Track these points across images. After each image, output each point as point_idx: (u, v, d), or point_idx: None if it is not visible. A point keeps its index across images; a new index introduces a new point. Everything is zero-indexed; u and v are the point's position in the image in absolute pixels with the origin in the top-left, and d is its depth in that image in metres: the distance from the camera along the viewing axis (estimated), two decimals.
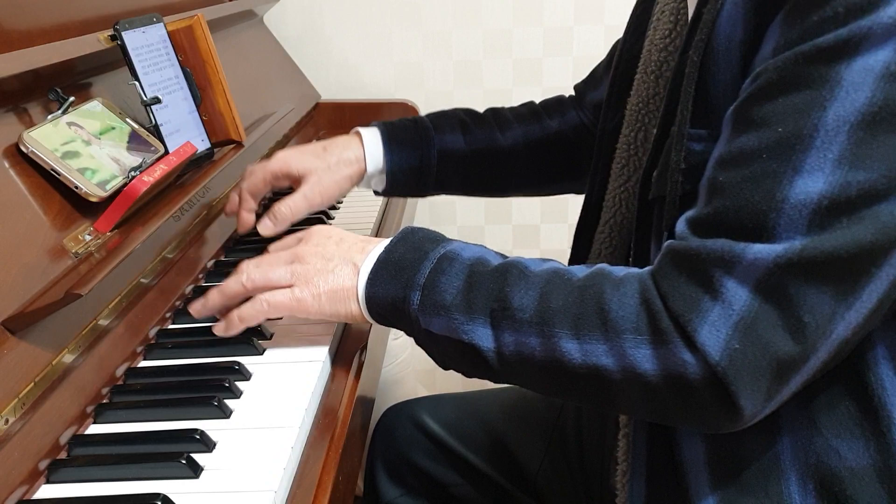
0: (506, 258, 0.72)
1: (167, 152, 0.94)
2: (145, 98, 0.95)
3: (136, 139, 0.92)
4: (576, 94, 1.15)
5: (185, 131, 1.01)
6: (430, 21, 1.77)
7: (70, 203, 0.80)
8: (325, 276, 0.76)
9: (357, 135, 1.04)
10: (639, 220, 0.76)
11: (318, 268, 0.76)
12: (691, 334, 0.60)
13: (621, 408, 0.69)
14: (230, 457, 0.65)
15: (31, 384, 0.66)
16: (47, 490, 0.63)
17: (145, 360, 0.81)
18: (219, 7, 1.32)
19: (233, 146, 1.13)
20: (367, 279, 0.74)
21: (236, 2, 1.44)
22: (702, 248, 0.61)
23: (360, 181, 1.04)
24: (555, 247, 1.92)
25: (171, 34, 1.03)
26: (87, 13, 0.99)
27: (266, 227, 0.97)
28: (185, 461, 0.63)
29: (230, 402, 0.72)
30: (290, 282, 0.77)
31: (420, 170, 1.05)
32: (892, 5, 0.55)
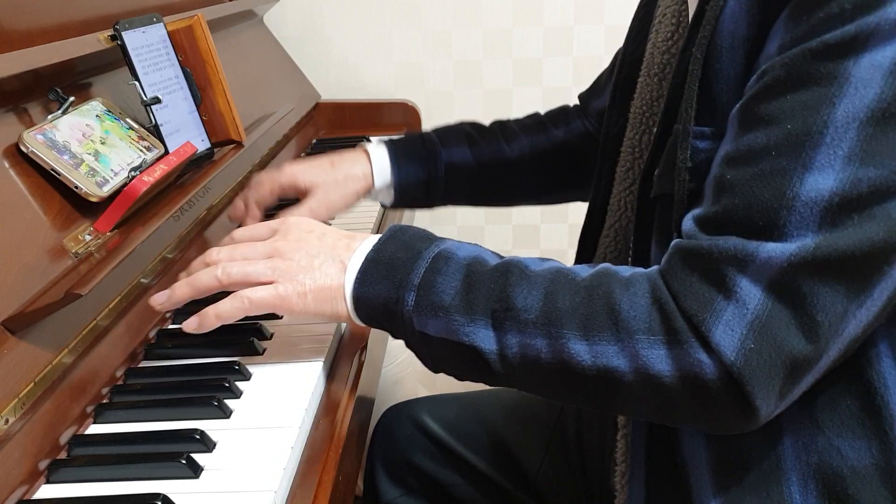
0: (503, 257, 0.71)
1: (167, 152, 0.94)
2: (145, 98, 0.95)
3: (136, 139, 0.92)
4: (580, 103, 1.15)
5: (185, 131, 1.01)
6: (430, 21, 1.77)
7: (70, 203, 0.80)
8: (311, 274, 0.73)
9: (364, 151, 1.05)
10: (639, 220, 0.76)
11: (303, 264, 0.73)
12: (706, 334, 0.59)
13: (629, 410, 0.68)
14: (230, 457, 0.65)
15: (31, 384, 0.66)
16: (47, 490, 0.63)
17: (145, 360, 0.81)
18: (219, 7, 1.32)
19: (233, 146, 1.13)
20: (356, 278, 0.71)
21: (236, 2, 1.44)
22: (713, 247, 0.60)
23: (367, 196, 1.05)
24: (555, 247, 1.92)
25: (171, 34, 1.03)
26: (87, 13, 0.99)
27: None
28: (185, 461, 0.63)
29: (230, 402, 0.72)
30: (272, 278, 0.73)
31: (428, 184, 1.06)
32: None
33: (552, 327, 0.64)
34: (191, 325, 0.75)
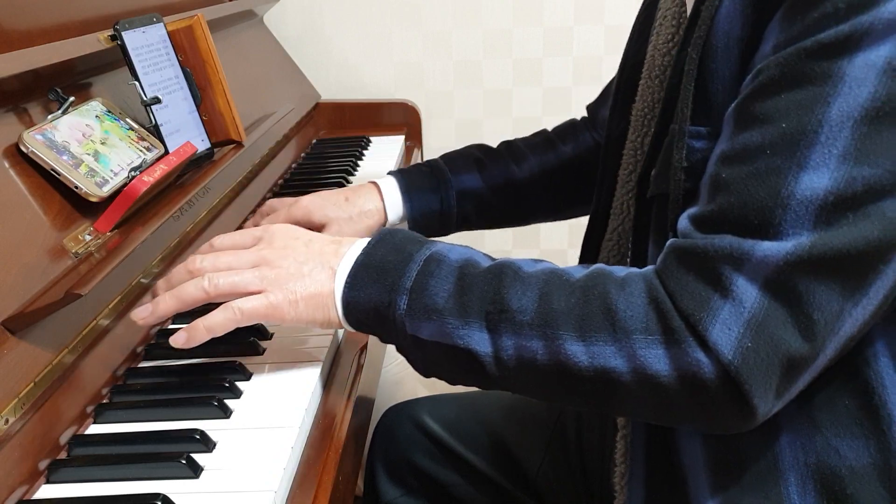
0: (494, 259, 0.71)
1: (167, 152, 0.94)
2: (145, 98, 0.95)
3: (136, 138, 0.92)
4: (588, 114, 1.15)
5: (185, 131, 1.01)
6: (430, 21, 1.77)
7: (70, 203, 0.80)
8: (301, 281, 0.72)
9: (376, 186, 1.05)
10: (636, 221, 0.76)
11: (292, 272, 0.72)
12: (703, 333, 0.59)
13: (627, 410, 0.68)
14: (230, 457, 0.65)
15: (31, 384, 0.66)
16: (47, 490, 0.63)
17: (145, 360, 0.81)
18: (219, 7, 1.32)
19: (233, 146, 1.13)
20: (346, 283, 0.71)
21: (236, 2, 1.44)
22: (709, 246, 0.60)
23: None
24: (555, 247, 1.92)
25: (171, 34, 1.03)
26: (87, 13, 0.99)
27: None
28: (185, 461, 0.63)
29: (230, 402, 0.72)
30: (261, 287, 0.72)
31: (441, 213, 1.07)
32: (892, 1, 0.55)
33: (548, 328, 0.64)
34: (179, 340, 0.72)
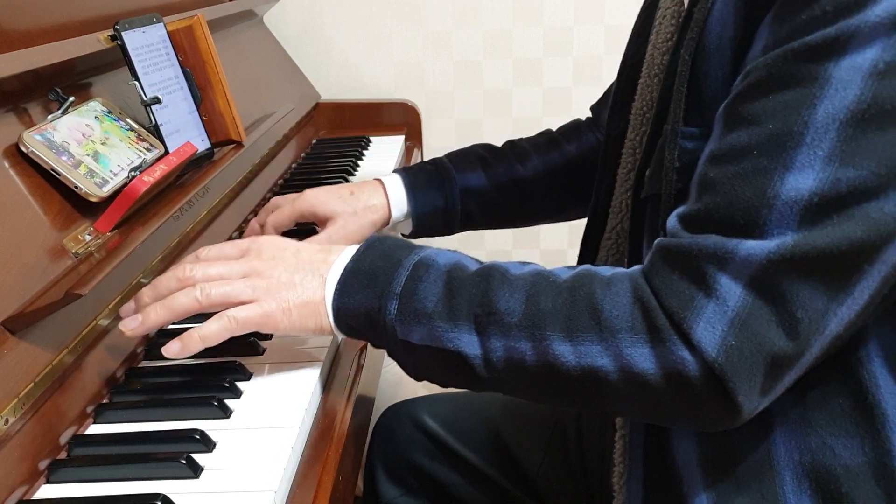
0: (482, 263, 0.71)
1: (167, 152, 0.94)
2: (145, 98, 0.95)
3: (136, 139, 0.92)
4: (592, 115, 1.15)
5: (185, 131, 1.01)
6: (430, 21, 1.77)
7: (70, 203, 0.80)
8: (292, 290, 0.72)
9: (380, 182, 1.06)
10: (632, 221, 0.76)
11: (283, 281, 0.72)
12: (687, 331, 0.60)
13: (616, 409, 0.68)
14: (230, 457, 0.65)
15: (31, 384, 0.66)
16: (47, 490, 0.63)
17: (145, 359, 0.81)
18: (219, 7, 1.32)
19: (233, 146, 1.13)
20: (336, 290, 0.71)
21: (236, 2, 1.44)
22: (693, 245, 0.61)
23: (385, 227, 1.06)
24: (555, 247, 1.92)
25: (171, 34, 1.03)
26: (87, 13, 1.00)
27: None
28: (185, 461, 0.63)
29: (230, 402, 0.72)
30: (253, 297, 0.72)
31: (445, 210, 1.07)
32: (879, 4, 0.56)
33: (535, 329, 0.64)
34: (172, 350, 0.71)
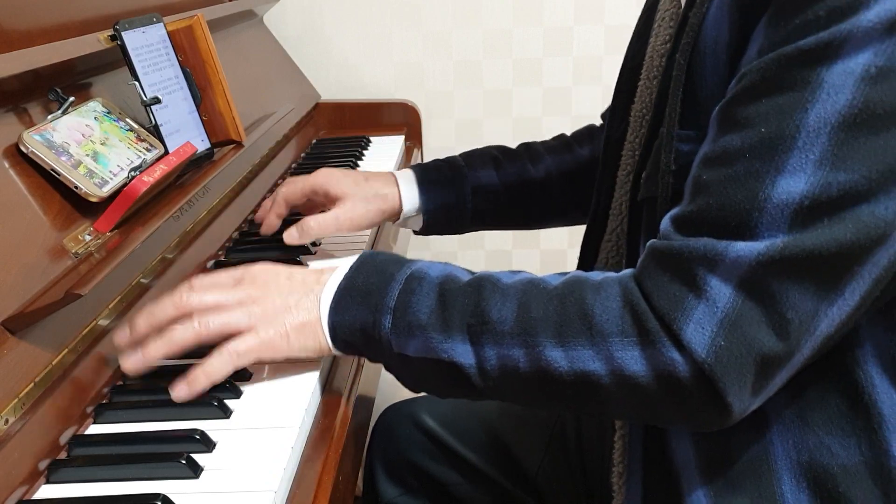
0: (474, 273, 0.72)
1: (167, 152, 0.94)
2: (145, 98, 0.95)
3: (135, 139, 0.92)
4: (603, 121, 1.16)
5: (185, 131, 1.01)
6: (430, 21, 1.77)
7: (70, 203, 0.80)
8: (289, 313, 0.72)
9: (392, 175, 1.06)
10: (630, 222, 0.76)
11: (278, 305, 0.73)
12: (677, 333, 0.60)
13: (611, 412, 0.69)
14: (230, 457, 0.65)
15: (31, 384, 0.66)
16: (47, 490, 0.63)
17: None
18: (219, 7, 1.32)
19: (233, 146, 1.13)
20: (331, 308, 0.72)
21: (236, 2, 1.44)
22: (684, 247, 0.61)
23: (395, 220, 1.06)
24: (555, 247, 1.92)
25: (171, 34, 1.03)
26: (87, 13, 1.00)
27: (291, 236, 0.99)
28: (185, 461, 0.63)
29: (230, 402, 0.72)
30: (250, 324, 0.72)
31: (455, 207, 1.07)
32: (871, 9, 0.56)
33: (528, 336, 0.65)
34: (181, 394, 0.70)
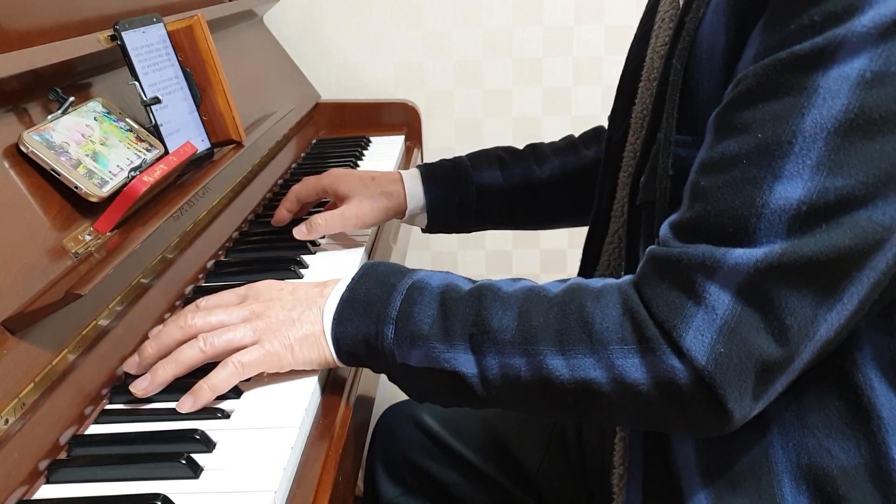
0: (475, 282, 0.72)
1: (167, 152, 0.94)
2: (145, 98, 0.95)
3: (135, 139, 0.92)
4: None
5: (185, 131, 1.01)
6: (430, 21, 1.77)
7: (70, 203, 0.80)
8: (292, 326, 0.73)
9: (398, 174, 1.08)
10: (629, 226, 0.77)
11: (282, 318, 0.73)
12: (677, 340, 0.60)
13: (613, 420, 0.69)
14: (230, 457, 0.65)
15: (31, 384, 0.66)
16: (47, 490, 0.63)
17: None
18: (219, 7, 1.32)
19: (233, 146, 1.13)
20: (334, 319, 0.72)
21: (236, 2, 1.44)
22: (683, 254, 0.61)
23: (402, 217, 1.08)
24: (555, 247, 1.92)
25: (171, 34, 1.03)
26: (87, 13, 1.00)
27: (300, 232, 1.01)
28: (185, 461, 0.63)
29: (230, 403, 0.72)
30: (255, 338, 0.73)
31: (460, 206, 1.08)
32: (866, 14, 0.56)
33: (529, 345, 0.65)
34: (186, 405, 0.70)
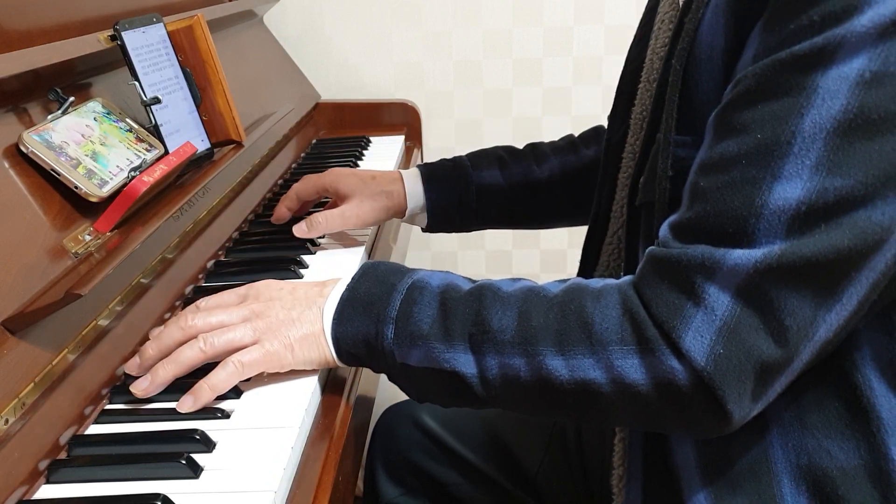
0: (475, 282, 0.72)
1: (167, 152, 0.94)
2: (145, 98, 0.95)
3: (135, 139, 0.92)
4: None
5: (185, 131, 1.01)
6: (430, 21, 1.77)
7: (70, 203, 0.80)
8: (292, 326, 0.73)
9: (399, 174, 1.08)
10: (629, 227, 0.76)
11: (282, 318, 0.73)
12: (676, 341, 0.60)
13: (612, 420, 0.69)
14: (230, 457, 0.65)
15: (31, 384, 0.66)
16: (47, 490, 0.63)
17: None
18: (219, 7, 1.32)
19: (233, 146, 1.13)
20: (334, 319, 0.72)
21: (236, 2, 1.44)
22: (682, 255, 0.61)
23: (402, 217, 1.08)
24: (554, 247, 1.92)
25: (171, 34, 1.03)
26: (87, 13, 1.00)
27: (301, 230, 1.02)
28: (185, 461, 0.63)
29: (230, 403, 0.72)
30: (255, 338, 0.73)
31: (460, 206, 1.08)
32: (865, 14, 0.56)
33: (528, 345, 0.65)
34: (187, 405, 0.70)
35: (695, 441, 0.69)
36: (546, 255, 1.93)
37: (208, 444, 0.66)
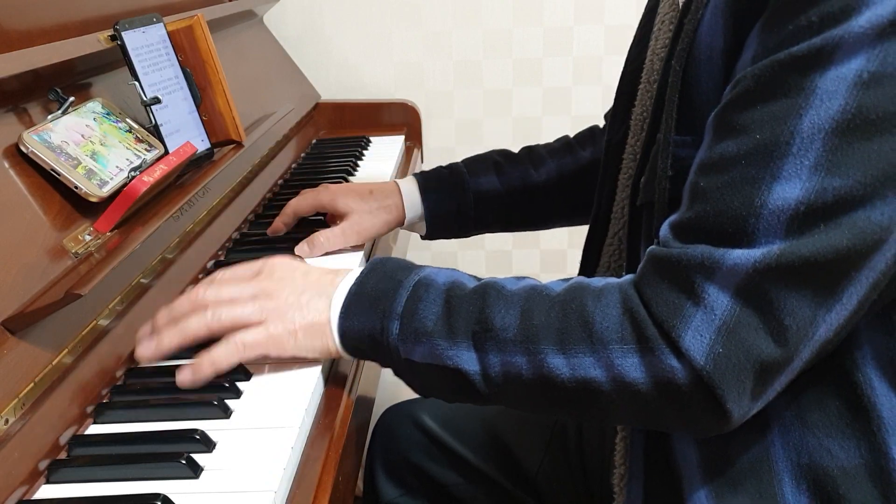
0: (480, 280, 0.72)
1: (167, 152, 0.94)
2: (145, 98, 0.95)
3: (135, 139, 0.92)
4: (606, 121, 1.16)
5: (185, 131, 1.01)
6: (430, 21, 1.77)
7: (70, 203, 0.80)
8: (299, 311, 0.73)
9: (396, 184, 1.09)
10: (630, 227, 0.77)
11: (290, 302, 0.74)
12: (676, 340, 0.61)
13: (614, 418, 0.69)
14: (230, 457, 0.65)
15: (31, 384, 0.66)
16: (47, 490, 0.63)
17: None
18: (219, 7, 1.32)
19: (233, 146, 1.13)
20: (341, 312, 0.73)
21: (236, 2, 1.44)
22: (682, 255, 0.62)
23: (401, 226, 1.09)
24: (554, 247, 1.92)
25: (171, 34, 1.03)
26: (87, 13, 1.00)
27: (303, 251, 1.02)
28: (185, 461, 0.63)
29: (230, 402, 0.72)
30: (261, 318, 0.73)
31: (458, 214, 1.09)
32: (863, 15, 0.56)
33: (530, 344, 0.66)
34: (185, 380, 0.71)
35: (696, 440, 0.69)
36: (546, 256, 1.93)
37: (208, 444, 0.66)
